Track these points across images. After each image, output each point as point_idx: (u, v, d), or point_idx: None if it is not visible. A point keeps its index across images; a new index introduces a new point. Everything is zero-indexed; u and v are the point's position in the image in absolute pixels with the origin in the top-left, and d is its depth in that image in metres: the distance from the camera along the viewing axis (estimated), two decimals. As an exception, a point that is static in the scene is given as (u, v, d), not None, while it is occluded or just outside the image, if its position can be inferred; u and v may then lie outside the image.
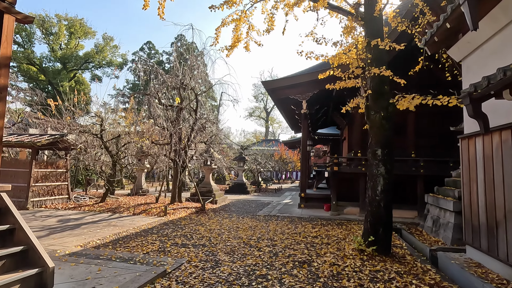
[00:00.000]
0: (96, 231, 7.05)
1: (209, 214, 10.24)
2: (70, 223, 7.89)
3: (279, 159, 34.39)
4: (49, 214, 9.14)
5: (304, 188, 12.68)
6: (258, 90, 61.34)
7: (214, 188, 14.18)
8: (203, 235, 6.94)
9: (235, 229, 7.80)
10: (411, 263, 5.21)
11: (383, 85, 5.78)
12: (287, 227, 8.42)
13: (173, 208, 10.36)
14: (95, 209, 10.24)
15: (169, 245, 5.93)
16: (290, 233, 7.51)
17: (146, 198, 13.62)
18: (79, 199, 11.76)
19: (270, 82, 11.12)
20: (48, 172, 10.72)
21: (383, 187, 5.68)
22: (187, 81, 10.45)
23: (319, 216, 10.73)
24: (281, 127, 65.99)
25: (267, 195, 19.56)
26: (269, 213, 11.31)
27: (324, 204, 12.13)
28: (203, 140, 13.14)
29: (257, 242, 6.43)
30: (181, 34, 48.36)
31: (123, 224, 7.98)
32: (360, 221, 9.82)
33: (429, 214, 8.39)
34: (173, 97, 11.45)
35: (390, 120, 5.77)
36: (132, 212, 9.72)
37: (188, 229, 7.59)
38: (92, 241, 6.09)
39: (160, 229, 7.49)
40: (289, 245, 6.26)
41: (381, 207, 5.67)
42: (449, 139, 11.51)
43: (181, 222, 8.53)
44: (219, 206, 12.69)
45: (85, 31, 41.34)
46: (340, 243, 6.56)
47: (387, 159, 5.72)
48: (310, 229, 8.12)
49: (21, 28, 37.84)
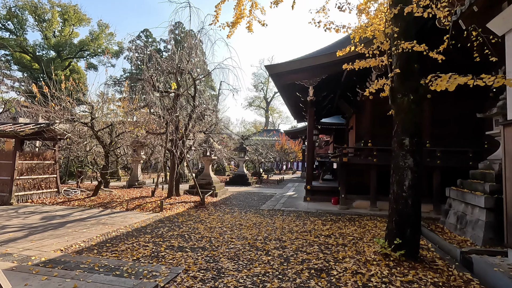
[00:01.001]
0: (82, 230, 6.28)
1: (209, 209, 9.48)
2: (54, 221, 7.12)
3: (280, 150, 33.63)
4: (34, 210, 8.36)
5: (310, 180, 11.91)
6: (258, 79, 60.17)
7: (214, 180, 13.42)
8: (202, 235, 6.18)
9: (238, 227, 7.05)
10: (446, 270, 4.46)
11: (413, 63, 4.92)
12: (294, 223, 7.68)
13: (170, 202, 9.59)
14: (86, 204, 9.46)
15: (164, 249, 5.17)
16: (300, 232, 6.76)
17: (142, 191, 12.85)
18: (70, 192, 10.98)
19: (275, 66, 10.21)
20: (34, 164, 9.90)
21: (411, 181, 4.90)
22: (184, 65, 9.54)
23: (327, 210, 10.00)
24: (281, 117, 65.05)
25: (269, 186, 18.84)
26: (273, 207, 10.58)
27: (332, 197, 11.39)
28: (202, 129, 12.29)
29: (264, 244, 5.68)
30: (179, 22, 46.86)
31: (114, 221, 7.21)
32: (372, 216, 9.10)
33: (451, 210, 7.64)
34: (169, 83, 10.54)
35: (420, 104, 4.94)
36: (125, 207, 8.95)
37: (186, 228, 6.82)
38: (76, 244, 5.32)
39: (154, 228, 6.72)
40: (301, 247, 5.51)
41: (408, 205, 4.90)
42: (468, 128, 10.70)
43: (178, 219, 7.77)
44: (220, 199, 11.94)
45: (79, 17, 39.90)
46: (357, 244, 5.81)
47: (416, 150, 4.92)
48: (321, 227, 7.37)
49: (13, 14, 36.43)
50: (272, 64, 10.23)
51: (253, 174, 23.06)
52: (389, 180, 10.58)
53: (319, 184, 12.72)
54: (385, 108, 11.52)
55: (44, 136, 9.31)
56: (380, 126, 11.33)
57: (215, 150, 13.42)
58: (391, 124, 11.35)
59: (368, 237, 6.36)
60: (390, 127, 11.27)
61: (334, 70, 10.35)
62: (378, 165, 10.33)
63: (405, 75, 4.90)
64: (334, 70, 10.31)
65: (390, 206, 5.17)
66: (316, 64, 10.00)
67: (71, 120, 9.49)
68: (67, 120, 9.39)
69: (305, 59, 10.12)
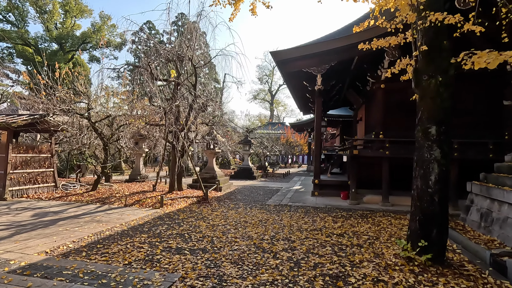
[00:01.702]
0: (74, 229, 5.81)
1: (212, 205, 8.99)
2: (46, 218, 6.67)
3: (286, 143, 33.00)
4: (28, 205, 7.94)
5: (318, 174, 11.33)
6: (262, 72, 59.30)
7: (218, 173, 12.92)
8: (204, 234, 5.67)
9: (243, 225, 6.53)
10: (479, 277, 3.89)
11: (442, 39, 4.27)
12: (303, 220, 7.14)
13: (171, 198, 9.11)
14: (83, 199, 9.03)
15: (160, 251, 4.67)
16: (309, 230, 6.22)
17: (143, 185, 12.41)
18: (68, 187, 10.57)
19: (281, 53, 9.56)
20: (29, 158, 9.47)
21: (438, 176, 4.29)
22: (184, 52, 8.95)
23: (336, 205, 9.45)
24: (286, 110, 64.26)
25: (274, 180, 18.31)
26: (279, 202, 10.05)
27: (341, 191, 10.82)
28: (205, 121, 11.74)
29: (271, 244, 5.15)
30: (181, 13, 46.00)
31: (110, 219, 6.74)
32: (385, 212, 8.53)
33: (473, 206, 7.03)
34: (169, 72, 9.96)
35: (449, 87, 4.30)
36: (123, 203, 8.49)
37: (187, 226, 6.32)
38: (64, 245, 4.84)
39: (152, 226, 6.24)
40: (312, 248, 4.97)
41: (434, 202, 4.31)
42: (485, 117, 9.99)
43: (179, 216, 7.28)
44: (224, 194, 11.45)
45: (80, 9, 39.30)
46: (374, 245, 5.25)
47: (444, 140, 4.30)
48: (332, 224, 6.83)
49: (13, 5, 35.99)
50: (277, 50, 9.58)
51: (258, 168, 22.54)
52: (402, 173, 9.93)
53: (327, 178, 12.14)
54: (399, 97, 10.91)
55: (38, 128, 8.84)
56: (392, 117, 10.68)
57: (219, 143, 12.89)
58: (405, 114, 10.68)
59: (385, 236, 5.80)
60: (404, 117, 10.71)
61: (344, 56, 9.67)
62: (390, 157, 9.72)
63: (433, 53, 4.25)
64: (344, 56, 9.63)
65: (413, 204, 4.59)
66: (325, 49, 9.32)
67: (66, 111, 8.98)
68: (61, 111, 8.88)
69: (313, 44, 9.44)
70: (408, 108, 10.60)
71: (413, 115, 10.42)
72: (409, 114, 10.64)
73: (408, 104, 10.72)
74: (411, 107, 10.60)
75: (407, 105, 10.76)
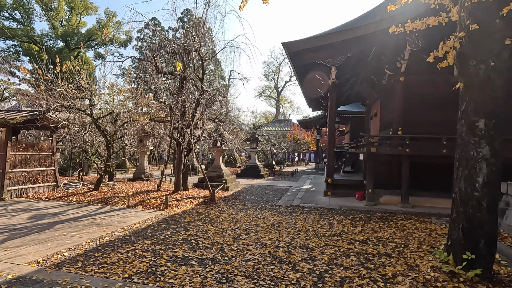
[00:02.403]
0: (72, 234, 5.32)
1: (220, 205, 8.46)
2: (44, 220, 6.20)
3: (293, 140, 32.35)
4: (26, 206, 7.50)
5: (331, 173, 10.72)
6: (268, 68, 58.61)
7: (225, 172, 12.38)
8: (212, 241, 5.13)
9: (254, 229, 5.98)
10: (540, 298, 3.28)
11: (493, 18, 3.63)
12: (319, 224, 6.56)
13: (177, 198, 8.59)
14: (84, 199, 8.57)
15: (165, 261, 4.14)
16: (328, 236, 5.65)
17: (148, 184, 11.95)
18: (70, 186, 10.13)
19: (293, 44, 8.94)
20: (29, 156, 9.03)
21: (487, 177, 3.68)
22: (190, 43, 8.40)
23: (351, 207, 8.85)
24: (292, 107, 63.58)
25: (282, 179, 17.73)
26: (290, 202, 9.48)
27: (356, 191, 10.21)
28: (212, 117, 11.19)
29: (288, 253, 4.59)
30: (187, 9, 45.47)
31: (111, 222, 6.24)
32: (406, 214, 7.90)
33: (509, 209, 6.38)
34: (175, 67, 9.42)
35: (502, 74, 3.67)
36: (126, 204, 8.00)
37: (194, 230, 5.79)
38: (58, 253, 4.34)
39: (156, 230, 5.72)
40: (335, 258, 4.40)
41: (482, 208, 3.70)
42: None
43: (185, 219, 6.75)
44: (231, 194, 10.92)
45: (86, 6, 39.04)
46: (404, 254, 4.66)
47: (494, 135, 3.68)
48: (351, 228, 6.24)
49: (19, 3, 35.88)
50: (290, 41, 8.96)
51: (265, 166, 21.98)
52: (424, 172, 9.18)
53: (340, 177, 11.52)
54: (421, 91, 10.19)
55: (37, 125, 8.39)
56: (412, 112, 10.01)
57: (226, 140, 12.35)
58: (428, 108, 9.98)
59: (414, 244, 5.19)
60: (426, 112, 10.02)
61: (362, 46, 9.03)
62: (411, 155, 9.07)
63: (484, 33, 3.62)
64: (361, 46, 8.99)
65: (454, 209, 3.98)
66: (341, 39, 8.69)
67: (66, 107, 8.52)
68: (62, 107, 8.42)
69: (328, 34, 8.80)
70: (431, 102, 9.96)
71: (437, 109, 9.86)
72: (432, 108, 10.01)
73: (432, 97, 10.12)
74: (435, 100, 10.02)
75: (431, 98, 10.14)
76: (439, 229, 6.16)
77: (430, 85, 10.01)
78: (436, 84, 9.90)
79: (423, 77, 10.05)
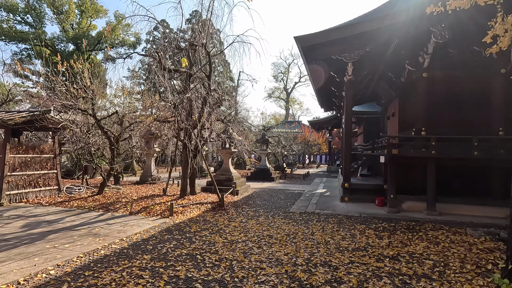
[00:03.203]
0: (64, 246, 4.78)
1: (229, 212, 7.84)
2: (37, 229, 5.70)
3: (303, 142, 31.55)
4: (23, 213, 7.04)
5: (348, 177, 9.98)
6: (277, 69, 57.95)
7: (234, 175, 11.77)
8: (221, 256, 4.51)
9: (268, 241, 5.34)
10: None
11: None
12: (339, 235, 5.87)
13: (183, 204, 8.01)
14: (86, 204, 8.08)
15: (164, 283, 3.53)
16: (352, 250, 4.95)
17: (154, 188, 11.44)
18: (73, 190, 9.69)
19: (308, 38, 8.27)
20: (29, 158, 8.61)
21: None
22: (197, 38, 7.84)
23: (372, 214, 8.11)
24: (301, 109, 62.73)
25: (294, 182, 17.01)
26: (305, 209, 8.80)
27: (375, 197, 9.43)
28: (220, 118, 10.61)
29: (308, 273, 3.92)
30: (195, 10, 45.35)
31: (109, 231, 5.69)
32: (434, 223, 7.11)
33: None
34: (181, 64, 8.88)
35: None
36: (129, 210, 7.46)
37: (200, 242, 5.18)
38: (44, 271, 3.79)
39: (158, 243, 5.13)
40: (364, 281, 3.71)
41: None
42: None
43: (190, 228, 6.16)
44: (241, 199, 10.29)
45: (96, 9, 39.33)
46: (447, 275, 3.93)
47: None
48: (376, 240, 5.53)
49: (31, 7, 36.39)
50: (303, 35, 8.30)
51: (276, 168, 21.28)
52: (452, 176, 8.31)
53: (358, 181, 10.75)
54: (447, 87, 9.38)
55: (37, 126, 7.95)
56: (437, 111, 9.22)
57: (235, 141, 11.74)
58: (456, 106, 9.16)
59: (455, 262, 4.44)
60: (453, 110, 9.18)
61: (382, 39, 8.29)
62: (438, 158, 8.27)
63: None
64: (382, 39, 8.26)
65: (513, 225, 3.25)
66: (360, 31, 7.99)
67: (67, 106, 8.07)
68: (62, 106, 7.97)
69: (346, 26, 8.11)
70: (458, 100, 9.14)
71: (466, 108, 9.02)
72: (459, 107, 9.18)
73: (459, 95, 9.29)
74: (463, 98, 9.17)
75: (458, 96, 9.29)
76: (479, 243, 5.38)
77: (457, 81, 9.20)
78: (465, 80, 9.10)
79: (449, 73, 9.24)
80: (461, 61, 9.11)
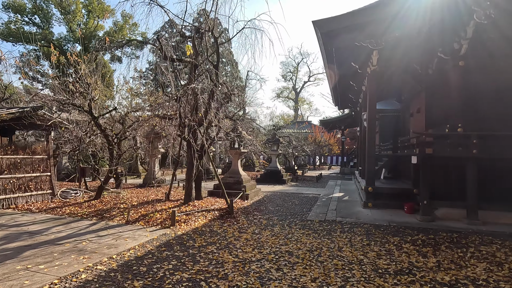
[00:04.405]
0: (39, 268, 3.88)
1: (239, 221, 6.88)
2: (14, 243, 4.83)
3: (313, 142, 30.41)
4: (6, 221, 6.21)
5: (372, 180, 8.90)
6: (286, 68, 56.86)
7: (244, 178, 10.81)
8: (231, 283, 3.54)
9: (287, 260, 4.35)
10: None
11: None
12: (373, 251, 4.84)
13: (186, 211, 7.08)
14: (80, 211, 7.23)
15: (154, 330, 2.58)
16: (394, 273, 3.94)
17: (157, 192, 10.56)
18: (68, 194, 8.88)
19: (328, 22, 7.27)
20: (19, 160, 7.82)
21: None
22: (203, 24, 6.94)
23: (403, 223, 7.06)
24: (310, 109, 61.42)
25: (307, 185, 15.96)
26: (324, 216, 7.78)
27: (404, 203, 8.35)
28: (229, 115, 9.68)
29: (348, 313, 2.93)
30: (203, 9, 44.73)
31: (98, 246, 4.79)
32: (478, 235, 6.03)
33: None
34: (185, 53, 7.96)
35: None
36: (125, 218, 6.56)
37: (205, 262, 4.23)
38: (-1, 308, 2.90)
39: (155, 262, 4.19)
40: (428, 327, 2.69)
41: None
42: None
43: (195, 242, 5.21)
44: (252, 204, 9.33)
45: (103, 9, 39.10)
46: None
47: None
48: (420, 259, 4.50)
49: (39, 7, 36.33)
50: (323, 19, 7.30)
51: (286, 170, 20.25)
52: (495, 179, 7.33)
53: (382, 185, 9.66)
54: (489, 78, 8.29)
55: (24, 124, 7.14)
56: (476, 104, 8.10)
57: (245, 141, 10.79)
58: (499, 100, 8.01)
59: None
60: (495, 104, 8.02)
61: (415, 22, 7.21)
62: (479, 158, 7.17)
63: None
64: (415, 22, 7.18)
65: None
66: (391, 13, 6.94)
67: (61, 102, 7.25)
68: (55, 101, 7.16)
69: (373, 6, 7.07)
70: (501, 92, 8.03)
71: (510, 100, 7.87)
72: (503, 100, 8.06)
73: (505, 86, 8.17)
74: (508, 89, 8.07)
75: (503, 87, 8.15)
76: (554, 264, 4.30)
77: (499, 71, 8.08)
78: (508, 70, 7.96)
79: (490, 61, 8.12)
80: (503, 48, 8.00)
